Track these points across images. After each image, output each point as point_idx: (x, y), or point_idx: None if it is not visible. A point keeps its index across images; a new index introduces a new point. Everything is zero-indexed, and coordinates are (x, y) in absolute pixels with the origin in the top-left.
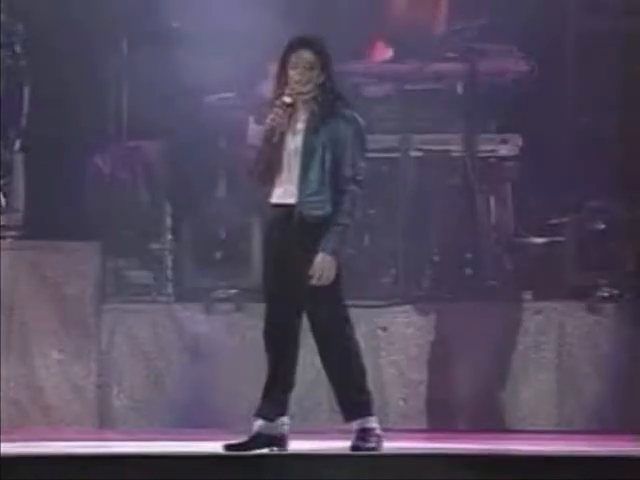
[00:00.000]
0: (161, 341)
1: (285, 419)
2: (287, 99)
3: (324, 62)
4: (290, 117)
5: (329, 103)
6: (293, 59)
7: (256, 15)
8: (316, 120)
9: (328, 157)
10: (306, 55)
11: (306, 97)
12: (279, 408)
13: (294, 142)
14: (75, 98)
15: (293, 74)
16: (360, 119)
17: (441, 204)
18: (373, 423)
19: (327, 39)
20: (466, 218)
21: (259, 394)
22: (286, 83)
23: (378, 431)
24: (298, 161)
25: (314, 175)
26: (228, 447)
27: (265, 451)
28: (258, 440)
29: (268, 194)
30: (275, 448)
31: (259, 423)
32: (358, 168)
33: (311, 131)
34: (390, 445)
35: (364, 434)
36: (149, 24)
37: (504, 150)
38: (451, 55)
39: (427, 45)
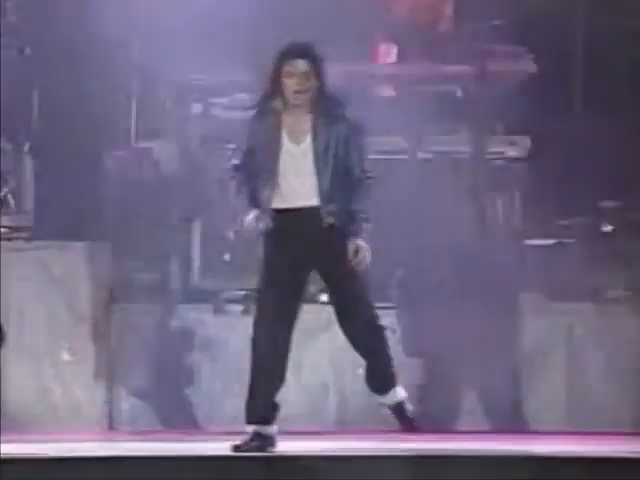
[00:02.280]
0: (170, 342)
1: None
2: (278, 106)
3: (319, 69)
4: (291, 125)
5: (328, 108)
6: (287, 68)
7: (261, 16)
8: (318, 126)
9: (335, 160)
10: (301, 65)
11: (305, 105)
12: (273, 409)
13: (299, 149)
14: (85, 100)
15: (291, 84)
16: (356, 119)
17: (449, 206)
18: (403, 392)
19: (335, 40)
20: (474, 220)
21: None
22: (279, 91)
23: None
24: (306, 166)
25: (325, 179)
26: (236, 448)
27: (271, 451)
28: (258, 440)
29: (271, 199)
30: (270, 448)
31: (253, 426)
32: (365, 166)
33: (315, 137)
34: (392, 446)
35: (400, 408)
36: (158, 26)
37: (513, 152)
38: (459, 57)
39: (435, 47)
